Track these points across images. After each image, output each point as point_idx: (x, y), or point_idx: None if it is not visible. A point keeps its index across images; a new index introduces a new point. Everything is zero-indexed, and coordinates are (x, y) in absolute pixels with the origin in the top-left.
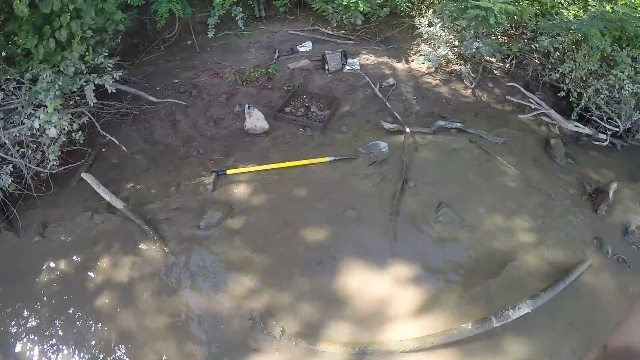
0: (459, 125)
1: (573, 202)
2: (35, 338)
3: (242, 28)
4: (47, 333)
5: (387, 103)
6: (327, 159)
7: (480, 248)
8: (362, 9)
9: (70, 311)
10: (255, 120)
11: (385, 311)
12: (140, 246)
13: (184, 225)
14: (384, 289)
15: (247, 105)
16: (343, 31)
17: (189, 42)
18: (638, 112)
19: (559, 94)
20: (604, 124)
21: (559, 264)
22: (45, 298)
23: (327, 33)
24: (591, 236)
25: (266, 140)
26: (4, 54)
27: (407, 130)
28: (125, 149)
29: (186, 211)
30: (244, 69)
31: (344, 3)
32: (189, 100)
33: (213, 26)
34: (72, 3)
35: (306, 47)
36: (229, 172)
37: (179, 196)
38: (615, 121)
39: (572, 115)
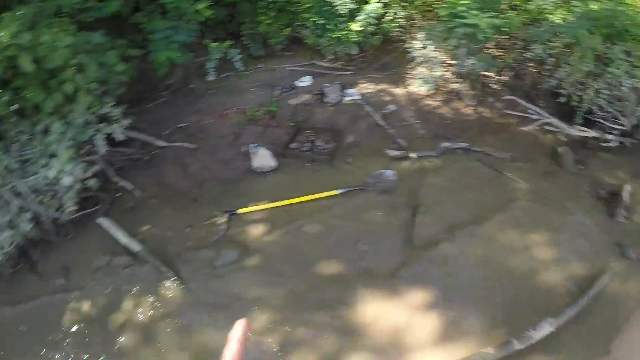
0: (464, 145)
1: (588, 210)
2: None
3: (242, 69)
4: None
5: (390, 130)
6: (336, 192)
7: (497, 268)
8: (354, 39)
9: (94, 351)
10: (262, 158)
11: (405, 340)
12: (159, 286)
13: (200, 265)
14: (402, 317)
15: (251, 145)
16: (340, 62)
17: (191, 86)
18: None
19: (560, 100)
20: (609, 124)
21: (581, 276)
22: (69, 339)
23: (325, 66)
24: (611, 242)
25: (275, 177)
26: (15, 107)
27: (413, 155)
28: (139, 193)
29: (202, 251)
30: (247, 109)
31: (336, 36)
32: (197, 143)
33: (212, 69)
34: (76, 58)
35: (305, 81)
36: (239, 211)
37: (194, 236)
38: (620, 119)
39: (576, 119)
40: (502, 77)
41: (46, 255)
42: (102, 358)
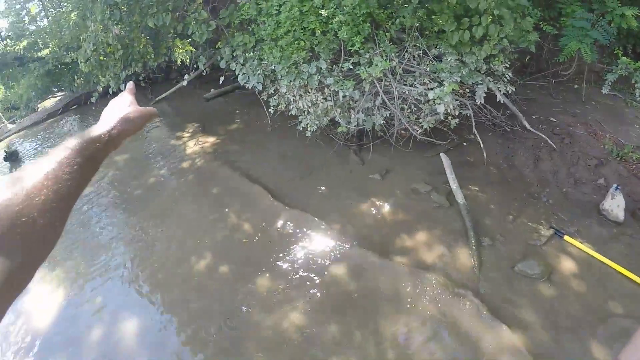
0: None
1: None
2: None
3: (638, 99)
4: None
5: None
6: None
7: None
8: None
9: (365, 247)
10: (615, 205)
11: None
12: (454, 244)
13: (501, 255)
14: None
15: (614, 186)
16: None
17: (576, 86)
18: None
19: None
20: None
21: None
22: (355, 223)
23: None
24: None
25: (614, 231)
26: (419, 24)
27: None
28: (485, 155)
29: (511, 244)
30: (623, 143)
31: None
32: (559, 146)
33: (610, 83)
34: (498, 9)
35: None
36: (566, 238)
37: (511, 226)
38: None
39: None
40: None
41: (376, 150)
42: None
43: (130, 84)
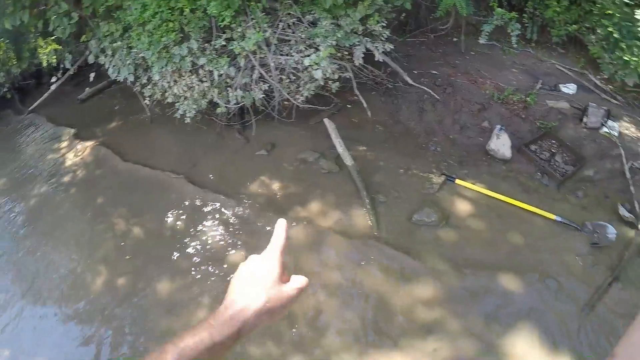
0: None
1: None
2: (218, 231)
3: (513, 45)
4: (229, 231)
5: (632, 187)
6: (553, 217)
7: None
8: None
9: (259, 225)
10: (501, 144)
11: None
12: (350, 208)
13: (397, 209)
14: None
15: (499, 126)
16: (611, 86)
17: (455, 39)
18: None
19: None
20: None
21: None
22: (245, 204)
23: (595, 82)
24: None
25: (503, 168)
26: None
27: None
28: (369, 114)
29: (405, 197)
30: (502, 87)
31: (625, 58)
32: (441, 96)
33: (487, 33)
34: None
35: (570, 89)
36: (458, 181)
37: (403, 180)
38: None
39: None
40: None
41: (260, 126)
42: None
43: (281, 224)
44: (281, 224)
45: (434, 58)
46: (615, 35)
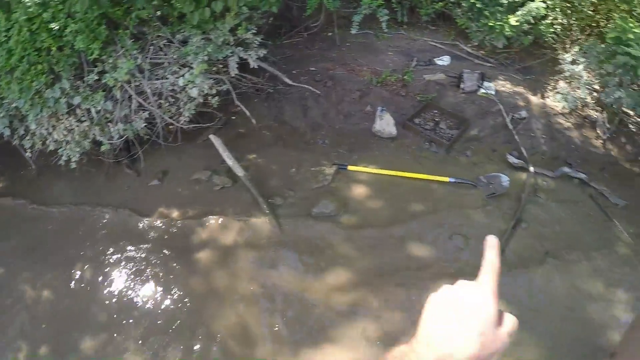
0: (583, 176)
1: None
2: (128, 271)
3: (385, 30)
4: (139, 269)
5: (516, 136)
6: (447, 179)
7: (573, 308)
8: (507, 32)
9: (169, 256)
10: (385, 124)
11: None
12: (250, 216)
13: (296, 208)
14: None
15: (379, 108)
16: (482, 52)
17: (329, 34)
18: None
19: None
20: None
21: None
22: (149, 239)
23: (467, 51)
24: None
25: (391, 146)
26: (159, 13)
27: (531, 169)
28: (254, 122)
29: (301, 194)
30: (380, 71)
31: (490, 24)
32: (322, 90)
33: (357, 23)
34: None
35: (444, 61)
36: (350, 167)
37: (297, 178)
38: None
39: None
40: None
41: (149, 156)
42: None
43: (492, 243)
44: (492, 243)
45: (311, 55)
46: (478, 5)
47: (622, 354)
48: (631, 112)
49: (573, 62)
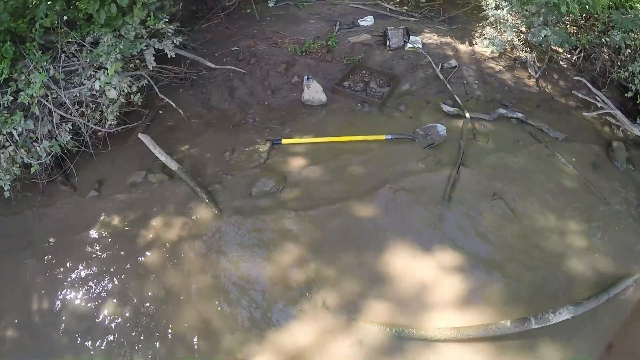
0: (520, 115)
1: (629, 211)
2: (82, 288)
3: None
4: (93, 284)
5: (448, 85)
6: (384, 137)
7: (529, 245)
8: None
9: (118, 265)
10: (314, 92)
11: (427, 296)
12: (191, 208)
13: (236, 191)
14: (427, 273)
15: (306, 77)
16: (406, 7)
17: (248, 11)
18: None
19: (626, 94)
20: None
21: (607, 274)
22: (96, 251)
23: (390, 8)
24: None
25: (323, 112)
26: (65, 18)
27: (467, 115)
28: (181, 113)
29: (239, 177)
30: (303, 40)
31: None
32: (247, 68)
33: None
34: None
35: (367, 21)
36: (284, 141)
37: (233, 162)
38: None
39: (638, 118)
40: (572, 57)
41: (82, 167)
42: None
43: None
44: None
45: (232, 35)
46: None
47: (621, 345)
48: (560, 50)
49: (497, 7)
